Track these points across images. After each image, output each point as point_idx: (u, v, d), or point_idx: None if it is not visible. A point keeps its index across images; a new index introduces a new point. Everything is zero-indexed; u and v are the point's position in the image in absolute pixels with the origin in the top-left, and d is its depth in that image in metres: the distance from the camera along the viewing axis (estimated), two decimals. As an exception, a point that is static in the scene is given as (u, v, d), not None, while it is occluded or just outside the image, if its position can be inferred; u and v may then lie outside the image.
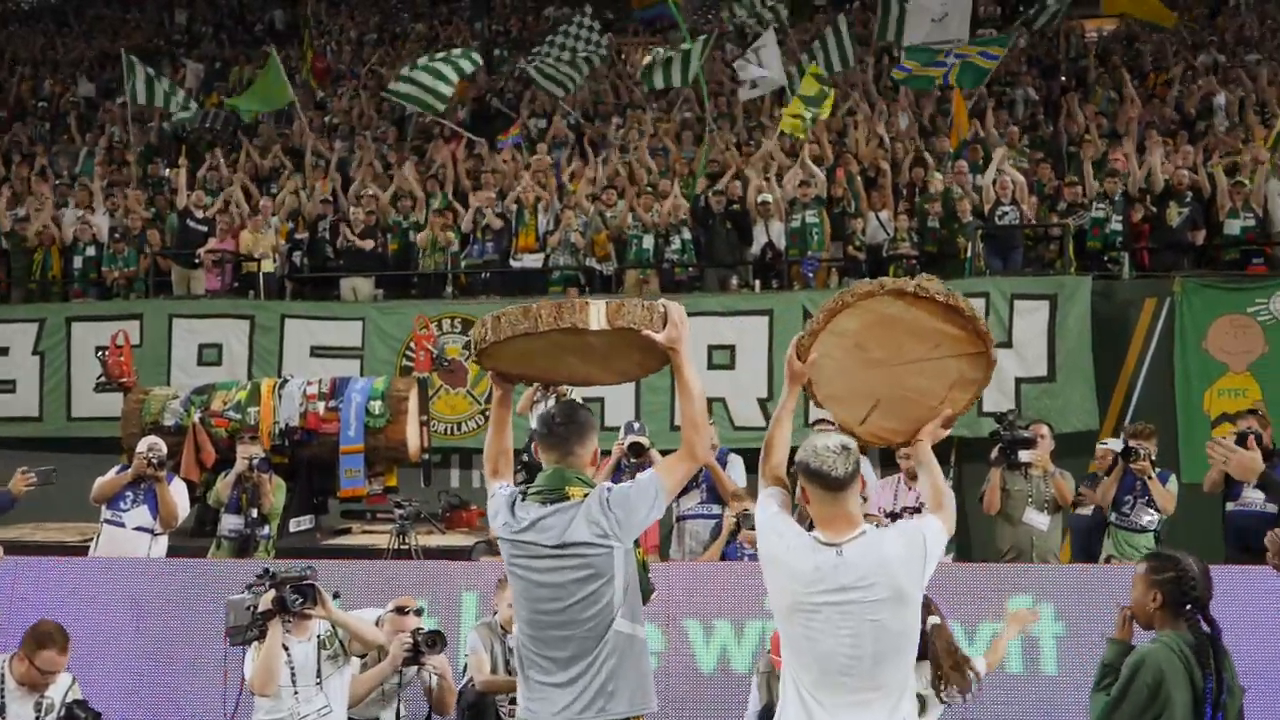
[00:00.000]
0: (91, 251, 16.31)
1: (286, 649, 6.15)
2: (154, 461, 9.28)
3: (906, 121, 17.96)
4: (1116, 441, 9.55)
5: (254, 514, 9.83)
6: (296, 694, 6.16)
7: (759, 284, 15.12)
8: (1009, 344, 12.93)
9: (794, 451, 4.28)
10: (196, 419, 11.37)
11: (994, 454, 9.10)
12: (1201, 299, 13.21)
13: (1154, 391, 13.20)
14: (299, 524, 11.14)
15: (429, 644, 6.45)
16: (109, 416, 13.20)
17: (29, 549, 9.81)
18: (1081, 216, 14.32)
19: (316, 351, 14.74)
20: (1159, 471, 9.15)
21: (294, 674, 6.17)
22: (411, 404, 11.50)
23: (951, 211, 14.46)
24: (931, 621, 5.74)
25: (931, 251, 14.47)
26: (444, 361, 12.81)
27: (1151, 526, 9.10)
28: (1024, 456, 8.99)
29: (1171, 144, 15.61)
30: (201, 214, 16.36)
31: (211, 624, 7.28)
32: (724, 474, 9.09)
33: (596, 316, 4.08)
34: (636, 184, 15.97)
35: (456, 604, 7.96)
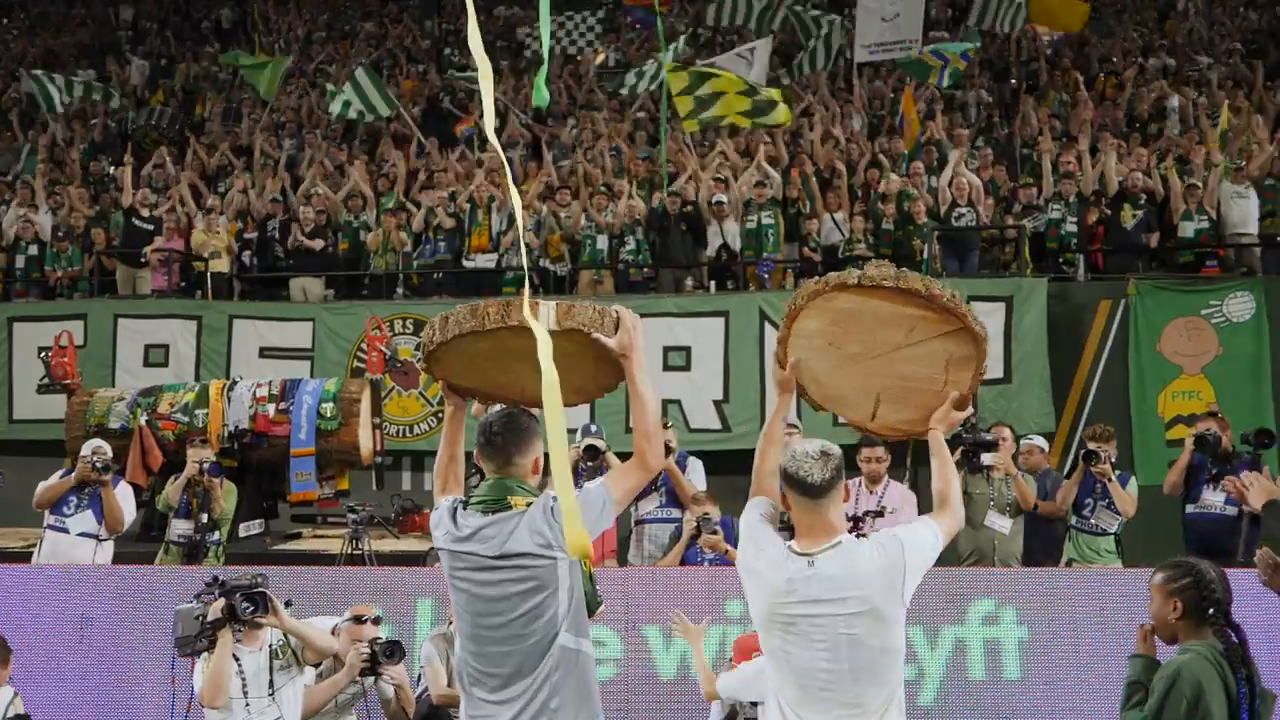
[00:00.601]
0: (34, 250, 16.03)
1: (237, 659, 5.96)
2: (98, 465, 9.14)
3: (860, 123, 17.96)
4: (1039, 438, 9.48)
5: (204, 519, 9.63)
6: (248, 705, 5.97)
7: (714, 285, 15.06)
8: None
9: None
10: (143, 421, 11.17)
11: (955, 457, 9.02)
12: (1156, 301, 13.27)
13: (1109, 394, 13.25)
14: (249, 528, 10.98)
15: (387, 654, 6.29)
16: (52, 419, 13.02)
17: (-31, 556, 9.61)
18: (1037, 218, 14.36)
19: (266, 352, 14.55)
20: (1119, 474, 9.13)
21: (245, 685, 5.98)
22: (364, 406, 11.36)
23: (907, 213, 14.43)
24: None
25: (887, 254, 14.42)
26: (397, 363, 12.67)
27: (1112, 529, 9.08)
28: (986, 459, 8.94)
29: (1125, 146, 15.68)
30: (148, 212, 16.09)
31: (159, 633, 7.13)
32: (683, 478, 9.03)
33: (545, 315, 3.93)
34: (590, 185, 15.86)
35: (411, 611, 7.84)
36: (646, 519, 9.10)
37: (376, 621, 6.64)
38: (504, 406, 4.30)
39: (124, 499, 9.33)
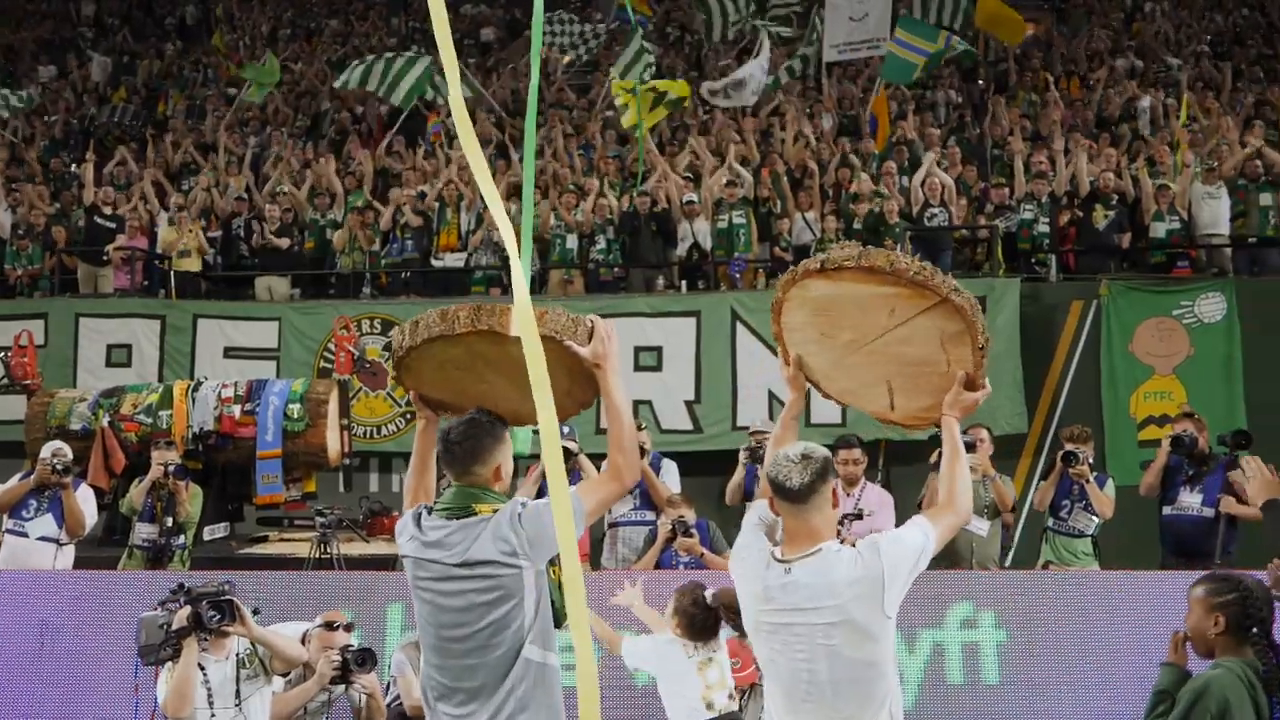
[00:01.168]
0: (-7, 248, 15.79)
1: (202, 668, 5.80)
2: (58, 468, 8.97)
3: (830, 123, 17.90)
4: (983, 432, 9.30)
5: (169, 523, 9.46)
6: (213, 716, 5.80)
7: (685, 285, 14.97)
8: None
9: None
10: (105, 423, 10.95)
11: (934, 458, 8.87)
12: (1128, 302, 13.27)
13: (1081, 394, 13.24)
14: (213, 532, 10.82)
15: (358, 662, 6.14)
16: (11, 420, 12.82)
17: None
18: (1009, 218, 14.32)
19: (231, 352, 14.40)
20: (1097, 475, 9.08)
21: (210, 695, 5.81)
22: (332, 407, 11.19)
23: (878, 213, 14.36)
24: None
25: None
26: (365, 363, 12.50)
27: (1089, 531, 9.03)
28: (963, 460, 8.83)
29: (1095, 147, 15.68)
30: (110, 210, 15.88)
31: (122, 641, 6.94)
32: (657, 480, 8.91)
33: (516, 320, 3.78)
34: (560, 184, 15.72)
35: (382, 617, 7.70)
36: (620, 522, 8.96)
37: (348, 628, 6.48)
38: (472, 411, 4.14)
39: (85, 502, 9.15)
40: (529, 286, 3.94)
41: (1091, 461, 9.06)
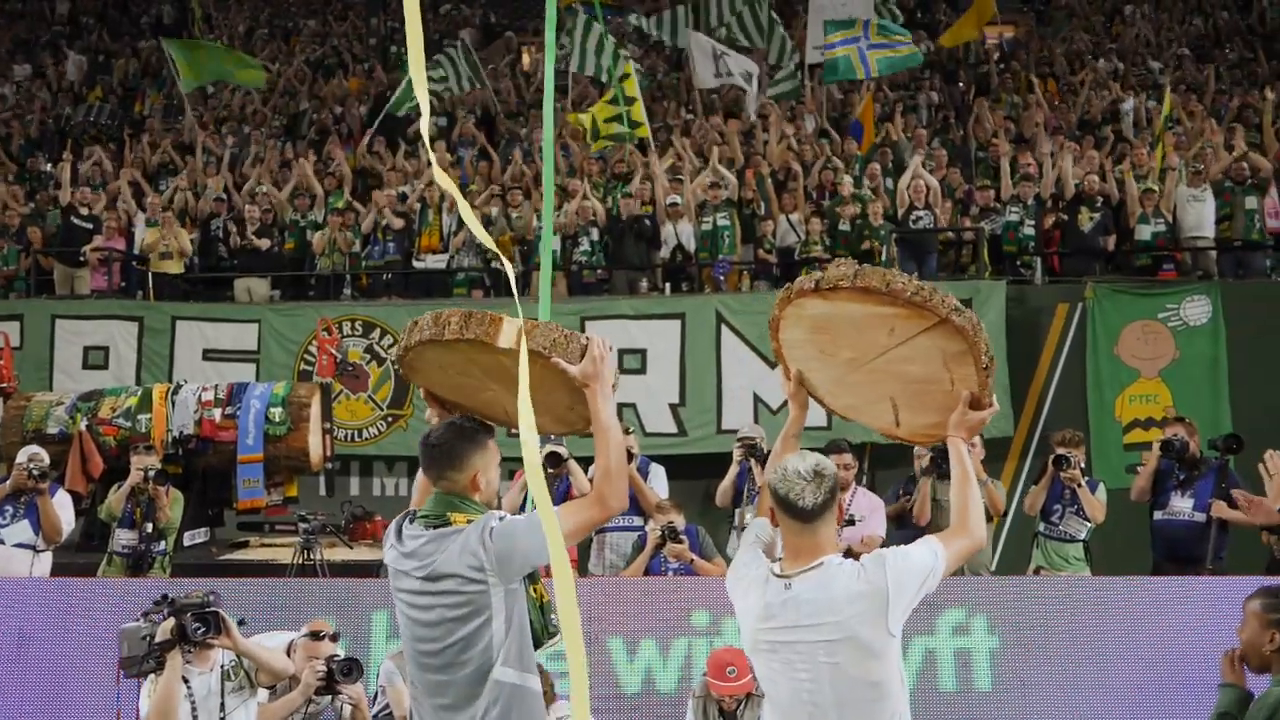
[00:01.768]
0: (-33, 250, 15.60)
1: (186, 681, 5.68)
2: (35, 473, 8.86)
3: (813, 124, 17.85)
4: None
5: (149, 528, 9.33)
6: (198, 729, 5.70)
7: (669, 287, 14.87)
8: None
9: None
10: (83, 426, 10.77)
11: (925, 463, 8.77)
12: (1113, 305, 13.25)
13: (1067, 397, 13.21)
14: (193, 537, 10.64)
15: (344, 672, 6.01)
16: (-14, 424, 12.55)
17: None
18: (995, 221, 14.29)
19: (210, 355, 14.24)
20: (1088, 480, 9.03)
21: (194, 708, 5.71)
22: (314, 411, 11.05)
23: (863, 215, 14.31)
24: None
25: (843, 256, 14.30)
26: (348, 366, 12.36)
27: (1081, 536, 8.97)
28: (954, 465, 8.77)
29: (1078, 149, 15.66)
30: (87, 210, 15.69)
31: (103, 650, 6.83)
32: (645, 485, 8.83)
33: (508, 334, 3.65)
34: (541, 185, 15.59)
35: (367, 625, 7.60)
36: (608, 528, 8.83)
37: (334, 638, 6.36)
38: (456, 417, 4.03)
39: (62, 507, 9.05)
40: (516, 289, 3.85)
41: (1083, 466, 9.02)
